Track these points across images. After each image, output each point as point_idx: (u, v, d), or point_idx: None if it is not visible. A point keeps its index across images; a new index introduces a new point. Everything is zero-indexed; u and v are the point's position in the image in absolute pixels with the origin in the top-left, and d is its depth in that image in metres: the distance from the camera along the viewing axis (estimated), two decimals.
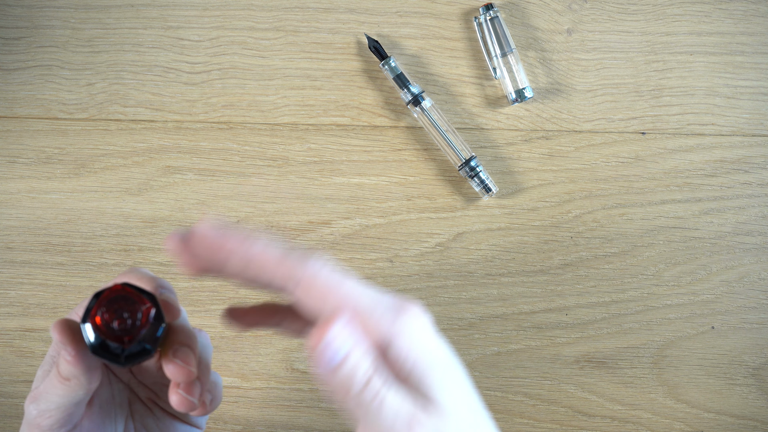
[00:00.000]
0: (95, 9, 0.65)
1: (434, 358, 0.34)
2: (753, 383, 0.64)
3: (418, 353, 0.34)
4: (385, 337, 0.34)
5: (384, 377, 0.34)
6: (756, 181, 0.64)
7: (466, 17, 0.65)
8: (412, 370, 0.34)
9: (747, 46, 0.65)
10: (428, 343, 0.35)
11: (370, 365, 0.34)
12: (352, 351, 0.34)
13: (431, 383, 0.34)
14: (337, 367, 0.33)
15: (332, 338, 0.33)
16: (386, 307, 0.34)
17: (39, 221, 0.65)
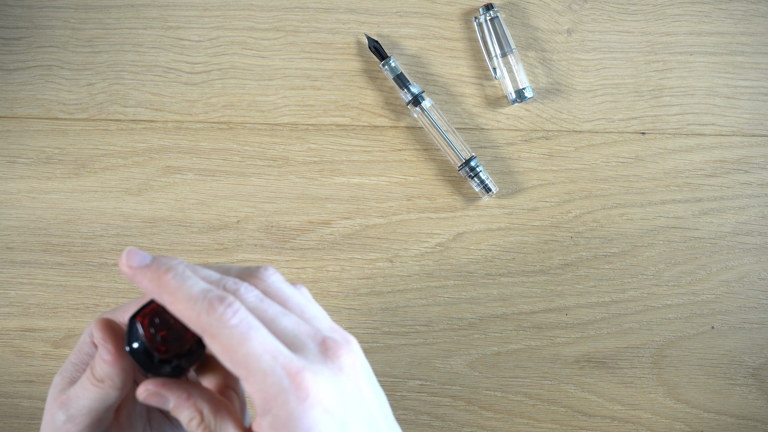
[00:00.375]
0: (95, 9, 0.65)
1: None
2: (753, 383, 0.64)
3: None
4: (281, 415, 0.34)
5: None
6: (756, 181, 0.64)
7: (466, 17, 0.65)
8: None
9: (747, 46, 0.65)
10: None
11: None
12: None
13: None
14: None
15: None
16: (281, 379, 0.34)
17: (39, 221, 0.65)
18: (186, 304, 0.36)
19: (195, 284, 0.36)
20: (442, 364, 0.64)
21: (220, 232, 0.64)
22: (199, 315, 0.35)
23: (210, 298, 0.36)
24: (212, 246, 0.64)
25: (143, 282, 0.37)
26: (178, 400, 0.39)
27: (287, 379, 0.34)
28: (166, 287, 0.36)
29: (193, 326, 0.36)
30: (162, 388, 0.39)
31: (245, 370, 0.35)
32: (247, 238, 0.64)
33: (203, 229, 0.64)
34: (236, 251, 0.64)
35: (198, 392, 0.39)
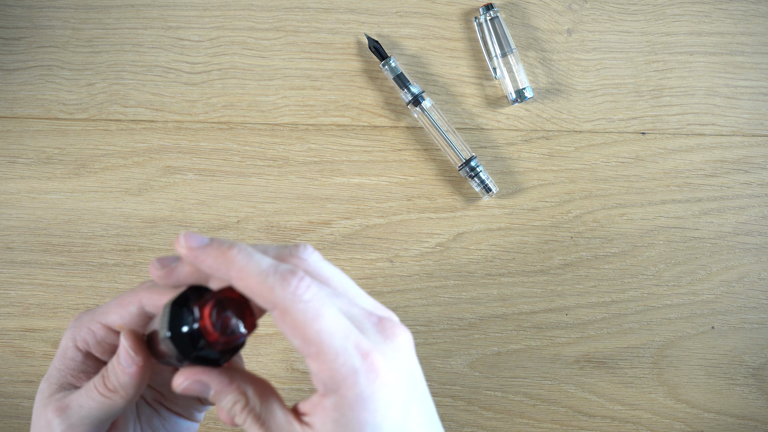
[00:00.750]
0: (95, 9, 0.65)
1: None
2: (753, 383, 0.64)
3: (380, 428, 0.34)
4: (349, 395, 0.34)
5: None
6: (756, 181, 0.64)
7: (467, 17, 0.65)
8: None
9: (747, 46, 0.65)
10: (388, 417, 0.34)
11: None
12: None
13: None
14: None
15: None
16: (353, 359, 0.34)
17: (39, 221, 0.65)
18: (257, 279, 0.34)
19: (262, 258, 0.35)
20: (442, 364, 0.64)
21: (221, 233, 0.64)
22: (272, 289, 0.34)
23: (282, 271, 0.34)
24: None
25: (207, 261, 0.35)
26: (220, 386, 0.37)
27: (359, 359, 0.34)
28: (233, 263, 0.35)
29: (262, 301, 0.34)
30: (203, 376, 0.38)
31: (317, 347, 0.34)
32: (248, 238, 0.64)
33: (203, 229, 0.64)
34: None
35: (240, 375, 0.38)
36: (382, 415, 0.34)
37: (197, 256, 0.36)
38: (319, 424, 0.35)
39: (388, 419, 0.34)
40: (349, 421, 0.34)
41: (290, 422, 0.37)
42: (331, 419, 0.34)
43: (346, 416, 0.34)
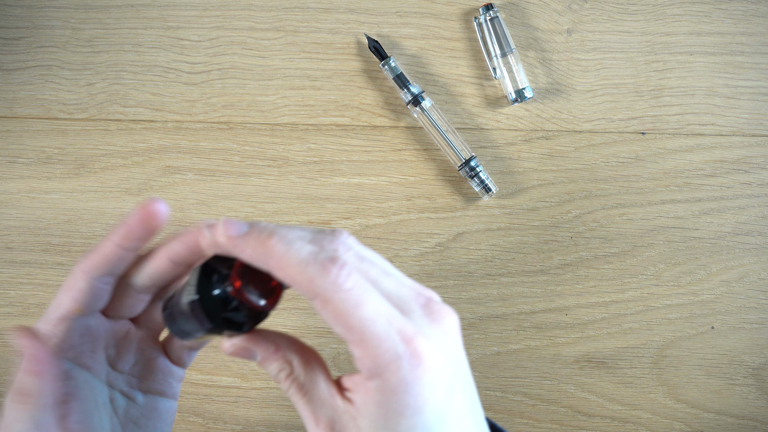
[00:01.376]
0: (95, 9, 0.65)
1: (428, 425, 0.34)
2: (753, 383, 0.64)
3: (423, 412, 0.34)
4: (391, 380, 0.34)
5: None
6: (756, 181, 0.64)
7: (466, 17, 0.65)
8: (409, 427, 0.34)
9: (747, 46, 0.65)
10: (430, 401, 0.34)
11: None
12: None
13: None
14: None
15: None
16: (396, 344, 0.34)
17: (39, 221, 0.64)
18: (297, 269, 0.34)
19: (302, 247, 0.35)
20: None
21: None
22: (312, 279, 0.34)
23: (321, 260, 0.34)
24: None
25: (246, 251, 0.35)
26: (266, 353, 0.38)
27: (402, 345, 0.34)
28: (273, 253, 0.35)
29: (303, 290, 0.34)
30: (249, 342, 0.38)
31: (359, 334, 0.34)
32: None
33: None
34: None
35: (286, 343, 0.38)
36: (424, 399, 0.34)
37: (237, 245, 0.36)
38: (361, 403, 0.35)
39: (430, 403, 0.34)
40: (390, 404, 0.34)
41: (333, 395, 0.37)
42: (374, 401, 0.34)
43: (388, 399, 0.34)
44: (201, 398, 0.64)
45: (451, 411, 0.35)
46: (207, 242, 0.37)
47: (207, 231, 0.37)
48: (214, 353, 0.64)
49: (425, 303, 0.36)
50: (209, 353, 0.64)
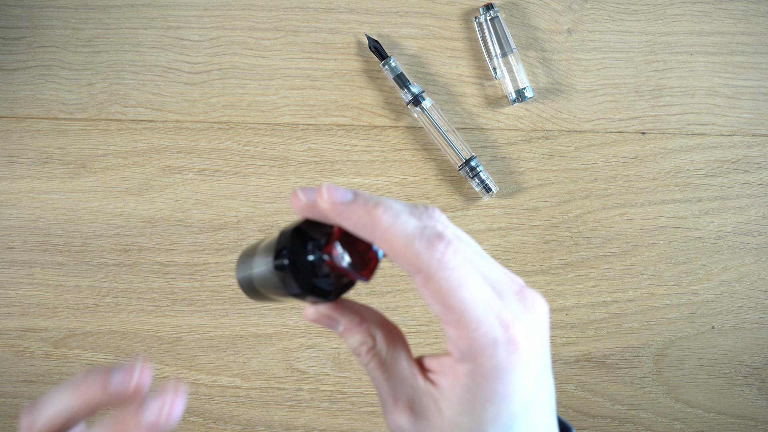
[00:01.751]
0: (95, 9, 0.65)
1: (523, 411, 0.34)
2: (753, 383, 0.64)
3: (511, 400, 0.33)
4: (485, 365, 0.33)
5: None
6: (756, 181, 0.64)
7: (467, 17, 0.65)
8: (498, 413, 0.33)
9: (747, 45, 0.65)
10: (519, 389, 0.34)
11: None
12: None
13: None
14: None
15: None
16: (494, 329, 0.33)
17: (39, 221, 0.64)
18: (402, 242, 0.33)
19: (408, 220, 0.33)
20: None
21: (221, 232, 0.64)
22: (417, 254, 0.33)
23: (428, 236, 0.33)
24: (212, 246, 0.64)
25: (351, 218, 0.34)
26: (350, 324, 0.36)
27: (500, 331, 0.33)
28: (379, 223, 0.33)
29: (405, 264, 0.33)
30: (334, 311, 0.36)
31: (458, 315, 0.33)
32: (248, 238, 0.64)
33: (203, 229, 0.64)
34: (236, 251, 0.64)
35: (371, 316, 0.37)
36: (513, 387, 0.34)
37: (341, 213, 0.34)
38: (448, 386, 0.34)
39: (518, 392, 0.34)
40: (480, 390, 0.33)
41: (414, 374, 0.36)
42: (462, 384, 0.34)
43: (478, 384, 0.33)
44: (201, 398, 0.64)
45: (537, 402, 0.35)
46: (302, 205, 0.36)
47: (303, 194, 0.35)
48: (214, 353, 0.64)
49: (519, 290, 0.36)
50: (209, 353, 0.64)
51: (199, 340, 0.64)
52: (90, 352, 0.64)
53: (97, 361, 0.64)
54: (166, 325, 0.64)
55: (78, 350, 0.64)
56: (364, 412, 0.64)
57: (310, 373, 0.64)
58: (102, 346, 0.64)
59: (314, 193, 0.35)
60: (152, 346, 0.64)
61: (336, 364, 0.64)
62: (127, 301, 0.64)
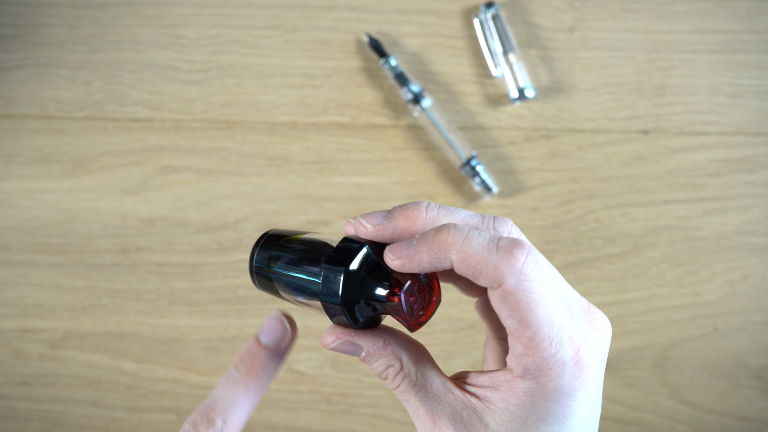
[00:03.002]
0: (93, 7, 0.64)
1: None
2: (756, 385, 0.63)
3: (566, 423, 0.33)
4: (548, 386, 0.33)
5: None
6: (760, 181, 0.64)
7: (467, 15, 0.64)
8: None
9: (750, 44, 0.64)
10: (576, 413, 0.33)
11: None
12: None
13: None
14: None
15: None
16: (565, 351, 0.32)
17: (36, 221, 0.64)
18: (479, 257, 0.32)
19: (477, 234, 0.33)
20: (444, 365, 0.63)
21: (219, 232, 0.64)
22: (496, 267, 0.32)
23: (504, 246, 0.32)
24: (211, 246, 0.64)
25: (423, 258, 0.33)
26: (373, 348, 0.35)
27: (571, 353, 0.32)
28: (450, 245, 0.33)
29: (485, 279, 0.32)
30: (356, 336, 0.35)
31: (532, 332, 0.32)
32: (246, 238, 0.64)
33: (201, 229, 0.64)
34: (235, 251, 0.64)
35: (394, 339, 0.36)
36: (571, 410, 0.33)
37: (412, 260, 0.34)
38: (500, 401, 0.34)
39: (575, 415, 0.33)
40: (536, 409, 0.33)
41: (450, 390, 0.35)
42: (518, 401, 0.33)
43: (535, 403, 0.33)
44: (200, 399, 0.64)
45: (588, 425, 0.34)
46: (367, 233, 0.35)
47: (368, 221, 0.35)
48: (212, 354, 0.64)
49: (587, 308, 0.35)
50: (207, 354, 0.64)
51: (197, 341, 0.64)
52: (87, 353, 0.64)
53: (95, 363, 0.64)
54: (164, 326, 0.64)
55: (75, 351, 0.64)
56: (363, 413, 0.64)
57: (309, 375, 0.64)
58: (99, 347, 0.64)
59: (379, 218, 0.35)
60: (150, 347, 0.64)
61: (335, 366, 0.64)
62: (125, 302, 0.64)
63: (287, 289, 0.38)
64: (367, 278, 0.35)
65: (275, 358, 0.39)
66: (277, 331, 0.39)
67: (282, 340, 0.39)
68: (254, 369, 0.38)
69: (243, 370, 0.38)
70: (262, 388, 0.38)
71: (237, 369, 0.38)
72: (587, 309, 0.35)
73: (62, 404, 0.64)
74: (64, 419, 0.64)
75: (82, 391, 0.64)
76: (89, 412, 0.64)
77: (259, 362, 0.38)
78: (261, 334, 0.39)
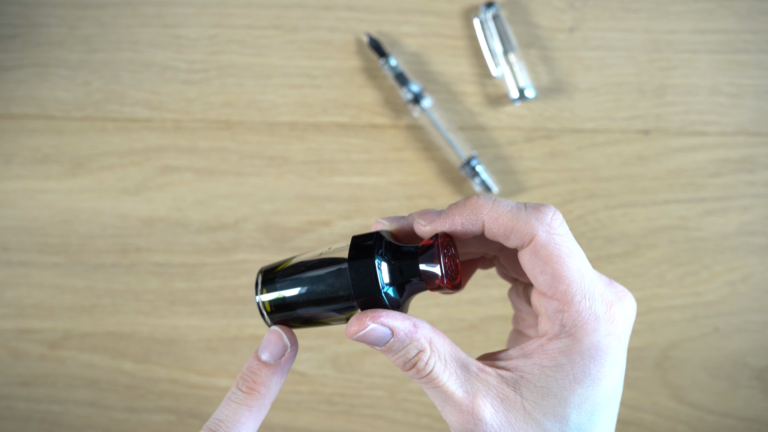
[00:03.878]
0: (92, 7, 0.64)
1: (608, 398, 0.34)
2: (757, 385, 0.63)
3: (599, 386, 0.33)
4: (585, 341, 0.33)
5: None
6: (760, 181, 0.64)
7: (467, 15, 0.64)
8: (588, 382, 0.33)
9: (751, 44, 0.64)
10: (607, 377, 0.34)
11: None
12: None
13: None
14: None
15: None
16: (598, 305, 0.33)
17: (35, 221, 0.64)
18: (510, 215, 0.34)
19: (505, 199, 0.35)
20: None
21: (219, 232, 0.64)
22: (527, 221, 0.33)
23: (532, 205, 0.34)
24: (210, 246, 0.64)
25: (455, 220, 0.35)
26: (405, 333, 0.35)
27: (604, 308, 0.33)
28: (482, 207, 0.35)
29: (517, 236, 0.34)
30: (388, 319, 0.35)
31: (567, 284, 0.33)
32: (246, 238, 0.64)
33: (201, 229, 0.64)
34: (235, 251, 0.63)
35: (421, 322, 0.36)
36: (605, 372, 0.33)
37: (444, 223, 0.35)
38: (535, 368, 0.34)
39: (607, 378, 0.34)
40: (573, 368, 0.33)
41: (481, 369, 0.35)
42: (553, 363, 0.33)
43: (572, 362, 0.33)
44: (199, 400, 0.64)
45: (616, 397, 0.35)
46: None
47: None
48: (212, 355, 0.64)
49: (608, 282, 0.36)
50: (207, 355, 0.64)
51: (196, 342, 0.64)
52: (87, 354, 0.64)
53: (94, 363, 0.64)
54: (163, 327, 0.64)
55: (74, 351, 0.64)
56: (363, 414, 0.64)
57: (309, 375, 0.64)
58: (99, 347, 0.64)
59: (395, 219, 0.37)
60: (149, 348, 0.64)
61: (335, 366, 0.64)
62: (124, 302, 0.64)
63: (312, 307, 0.37)
64: (395, 261, 0.36)
65: (276, 374, 0.39)
66: (277, 346, 0.39)
67: (282, 355, 0.39)
68: (256, 387, 0.38)
69: (245, 389, 0.38)
70: (264, 406, 0.39)
71: (239, 388, 0.39)
72: (609, 282, 0.36)
73: (62, 405, 0.64)
74: (63, 420, 0.64)
75: (82, 392, 0.64)
76: (89, 412, 0.64)
77: (261, 380, 0.39)
78: (261, 351, 0.39)
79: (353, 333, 0.35)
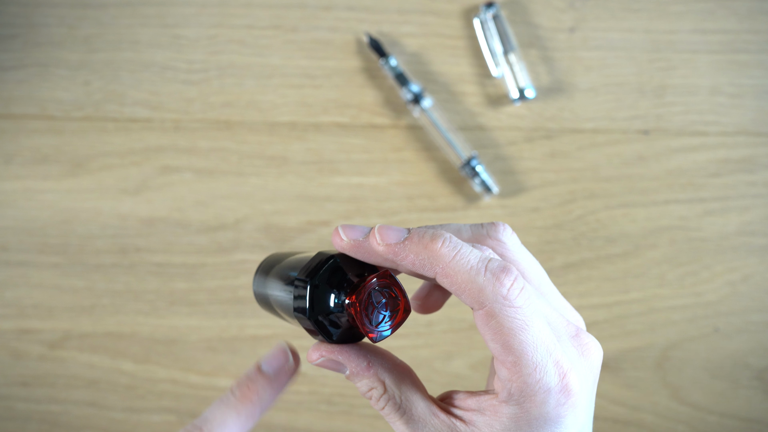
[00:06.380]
0: (92, 7, 0.64)
1: None
2: (758, 386, 0.63)
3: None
4: (532, 412, 0.32)
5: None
6: (760, 181, 0.64)
7: (467, 15, 0.64)
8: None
9: (752, 44, 0.64)
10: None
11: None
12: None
13: None
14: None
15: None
16: (550, 377, 0.32)
17: (35, 221, 0.64)
18: (466, 276, 0.32)
19: (470, 251, 0.33)
20: (443, 365, 0.63)
21: (219, 233, 0.64)
22: (482, 289, 0.32)
23: (493, 269, 0.32)
24: (210, 246, 0.63)
25: (408, 257, 0.33)
26: (357, 369, 0.35)
27: (556, 378, 0.32)
28: (439, 258, 0.32)
29: (469, 300, 0.32)
30: (339, 354, 0.35)
31: (516, 357, 0.32)
32: (246, 238, 0.63)
33: (201, 229, 0.64)
34: (235, 251, 0.63)
35: (379, 359, 0.36)
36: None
37: (397, 253, 0.33)
38: (484, 425, 0.33)
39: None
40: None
41: (434, 413, 0.35)
42: (502, 426, 0.33)
43: (520, 429, 0.33)
44: (199, 400, 0.64)
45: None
46: (345, 245, 0.35)
47: (346, 234, 0.35)
48: (212, 355, 0.64)
49: (575, 333, 0.35)
50: (207, 355, 0.64)
51: (196, 342, 0.64)
52: (86, 354, 0.64)
53: (94, 363, 0.64)
54: (163, 327, 0.64)
55: (74, 352, 0.64)
56: (363, 414, 0.64)
57: (309, 375, 0.64)
58: (98, 347, 0.64)
59: (358, 232, 0.35)
60: (149, 348, 0.64)
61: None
62: (124, 303, 0.64)
63: (278, 308, 0.38)
64: (332, 290, 0.35)
65: (273, 387, 0.39)
66: (279, 361, 0.39)
67: (282, 371, 0.39)
68: (249, 395, 0.39)
69: (238, 394, 0.39)
70: (254, 415, 0.39)
71: (233, 393, 0.39)
72: (575, 334, 0.34)
73: (61, 405, 0.64)
74: (63, 420, 0.64)
75: (82, 392, 0.64)
76: (88, 412, 0.64)
77: (255, 389, 0.39)
78: (263, 362, 0.39)
79: (312, 361, 0.36)
